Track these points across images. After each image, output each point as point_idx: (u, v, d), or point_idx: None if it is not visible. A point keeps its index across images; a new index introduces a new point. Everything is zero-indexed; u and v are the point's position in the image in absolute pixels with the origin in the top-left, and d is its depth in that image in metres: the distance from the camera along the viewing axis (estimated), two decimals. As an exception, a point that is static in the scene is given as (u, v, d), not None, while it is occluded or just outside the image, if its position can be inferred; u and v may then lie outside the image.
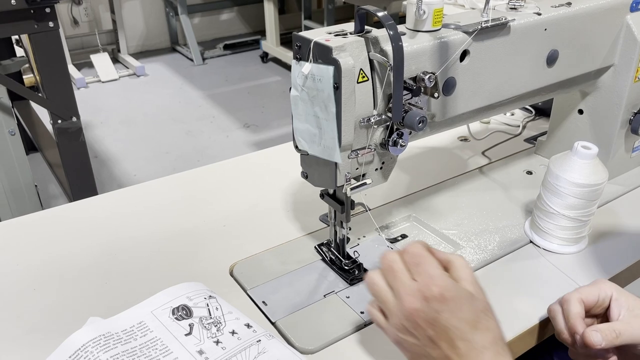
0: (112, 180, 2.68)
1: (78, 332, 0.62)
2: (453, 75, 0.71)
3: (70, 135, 1.80)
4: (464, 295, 0.54)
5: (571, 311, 0.64)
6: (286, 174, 1.00)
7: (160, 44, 4.50)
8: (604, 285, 0.66)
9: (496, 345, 0.53)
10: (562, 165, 0.77)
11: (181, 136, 3.13)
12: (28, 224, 0.89)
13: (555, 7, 0.80)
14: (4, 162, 1.79)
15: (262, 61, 4.23)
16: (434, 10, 0.66)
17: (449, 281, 0.55)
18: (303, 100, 0.64)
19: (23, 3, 1.53)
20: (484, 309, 0.55)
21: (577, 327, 0.63)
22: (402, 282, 0.55)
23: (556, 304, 0.68)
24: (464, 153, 1.10)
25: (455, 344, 0.52)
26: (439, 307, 0.53)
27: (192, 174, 1.04)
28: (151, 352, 0.61)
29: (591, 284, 0.67)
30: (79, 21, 4.11)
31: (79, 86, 3.72)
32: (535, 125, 1.22)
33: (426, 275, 0.54)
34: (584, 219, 0.78)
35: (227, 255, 0.81)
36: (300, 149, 0.68)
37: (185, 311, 0.67)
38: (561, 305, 0.66)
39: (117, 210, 0.93)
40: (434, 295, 0.53)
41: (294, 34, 0.64)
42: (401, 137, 0.66)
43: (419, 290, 0.54)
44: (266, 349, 0.62)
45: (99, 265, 0.80)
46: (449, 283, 0.54)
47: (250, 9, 4.67)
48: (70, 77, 1.79)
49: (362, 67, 0.61)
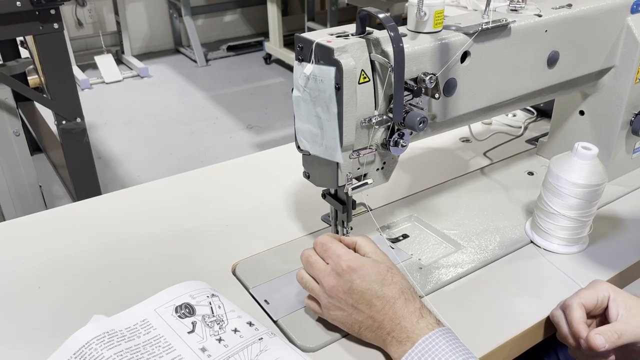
0: (116, 180, 2.70)
1: (82, 330, 0.63)
2: (454, 76, 0.71)
3: (75, 136, 1.81)
4: (367, 263, 0.64)
5: (574, 317, 0.66)
6: (288, 174, 1.01)
7: (163, 45, 4.52)
8: (601, 286, 0.68)
9: (404, 294, 0.62)
10: (563, 165, 0.77)
11: (184, 137, 3.14)
12: (32, 224, 0.90)
13: (556, 8, 0.80)
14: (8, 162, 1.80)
15: (265, 62, 4.24)
16: (434, 11, 0.67)
17: (353, 255, 0.65)
18: (305, 101, 0.64)
19: (28, 5, 1.54)
20: (387, 269, 0.64)
21: (580, 332, 0.65)
22: (318, 269, 0.65)
23: (558, 310, 0.69)
24: (466, 154, 1.11)
25: (372, 303, 0.62)
26: (350, 277, 0.63)
27: (195, 174, 1.05)
28: (154, 350, 0.62)
29: (588, 286, 0.69)
30: (83, 23, 4.12)
31: (83, 87, 3.74)
32: (536, 126, 1.22)
33: (334, 256, 0.64)
34: (584, 220, 0.79)
35: (230, 255, 0.81)
36: (302, 149, 0.69)
37: (188, 309, 0.67)
38: (563, 311, 0.68)
39: (121, 210, 0.94)
40: (344, 269, 0.63)
41: (296, 35, 0.64)
42: (402, 138, 0.67)
43: (332, 270, 0.64)
44: (268, 346, 0.63)
45: (102, 264, 0.80)
46: (353, 256, 0.64)
47: (253, 11, 4.68)
48: (74, 78, 1.79)
49: (364, 68, 0.62)
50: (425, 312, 0.62)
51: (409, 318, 0.61)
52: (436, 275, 0.76)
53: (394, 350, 0.61)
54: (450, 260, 0.79)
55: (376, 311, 0.62)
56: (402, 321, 0.61)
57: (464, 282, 0.76)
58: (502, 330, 0.69)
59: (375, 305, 0.62)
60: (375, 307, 0.62)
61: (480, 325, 0.69)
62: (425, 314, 0.62)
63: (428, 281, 0.75)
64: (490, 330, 0.69)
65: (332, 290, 0.63)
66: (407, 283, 0.64)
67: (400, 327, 0.61)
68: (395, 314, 0.61)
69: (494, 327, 0.69)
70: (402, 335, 0.60)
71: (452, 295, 0.74)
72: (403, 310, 0.61)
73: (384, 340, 0.62)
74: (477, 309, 0.72)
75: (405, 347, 0.60)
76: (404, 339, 0.60)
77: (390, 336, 0.61)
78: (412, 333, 0.60)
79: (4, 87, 1.71)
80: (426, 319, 0.61)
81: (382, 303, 0.62)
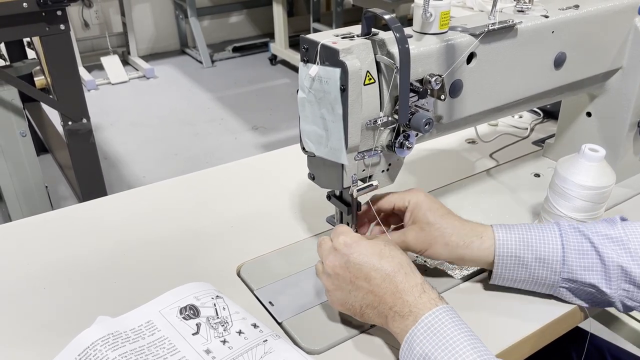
0: (122, 181, 2.70)
1: (87, 331, 0.63)
2: (460, 78, 0.71)
3: (81, 136, 1.82)
4: (364, 239, 0.64)
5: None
6: (293, 176, 1.01)
7: (169, 46, 4.53)
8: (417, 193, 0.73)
9: (403, 268, 0.61)
10: (570, 167, 0.77)
11: (190, 138, 3.14)
12: (38, 224, 0.90)
13: (563, 9, 0.80)
14: (15, 163, 1.81)
15: (271, 64, 4.24)
16: (440, 12, 0.66)
17: (353, 233, 0.65)
18: (310, 102, 0.64)
19: (35, 6, 1.55)
20: (385, 244, 0.64)
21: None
22: (322, 249, 0.66)
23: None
24: (472, 155, 1.10)
25: (370, 276, 0.61)
26: (347, 251, 0.63)
27: (201, 175, 1.05)
28: (159, 351, 0.62)
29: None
30: (89, 24, 4.14)
31: (90, 88, 3.75)
32: (543, 128, 1.21)
33: (337, 235, 0.65)
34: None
35: (235, 256, 0.81)
36: (307, 150, 0.69)
37: (192, 311, 0.67)
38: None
39: (126, 210, 0.94)
40: (340, 243, 0.64)
41: (302, 37, 0.64)
42: (408, 139, 0.67)
43: (331, 247, 0.65)
44: (272, 349, 0.62)
45: (108, 265, 0.80)
46: (353, 234, 0.65)
47: (259, 12, 4.69)
48: (80, 79, 1.80)
49: (369, 69, 0.62)
50: (427, 287, 0.61)
51: (410, 292, 0.60)
52: (442, 277, 0.76)
53: (396, 325, 0.60)
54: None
55: (376, 285, 0.61)
56: (404, 295, 0.60)
57: (470, 283, 0.76)
58: (510, 332, 0.68)
59: (374, 278, 0.61)
60: (375, 280, 0.61)
61: (487, 327, 0.69)
62: (427, 289, 0.61)
63: (433, 282, 0.74)
64: (497, 331, 0.69)
65: (331, 266, 0.64)
66: (407, 258, 0.64)
67: (402, 301, 0.60)
68: (396, 287, 0.60)
69: (501, 329, 0.69)
70: (405, 310, 0.59)
71: (458, 297, 0.74)
72: (404, 284, 0.60)
73: (386, 317, 0.61)
74: (484, 310, 0.71)
75: (407, 322, 0.59)
76: (406, 313, 0.59)
77: (393, 311, 0.60)
78: (414, 307, 0.59)
79: (10, 88, 1.72)
80: (428, 294, 0.60)
81: (381, 276, 0.61)
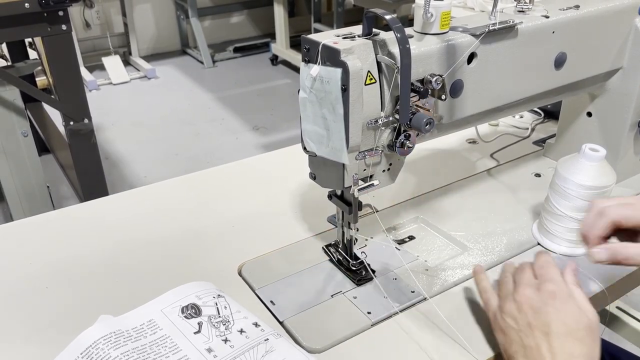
0: (123, 181, 2.71)
1: (89, 330, 0.63)
2: (460, 78, 0.71)
3: (82, 136, 1.82)
4: (573, 305, 0.58)
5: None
6: (294, 176, 1.01)
7: (170, 46, 4.53)
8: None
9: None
10: (570, 167, 0.77)
11: (191, 138, 3.14)
12: (40, 224, 0.91)
13: (563, 10, 0.80)
14: (17, 163, 1.82)
15: (272, 64, 4.24)
16: (441, 13, 0.67)
17: (565, 287, 0.59)
18: (311, 102, 0.64)
19: (36, 6, 1.55)
20: (588, 326, 0.57)
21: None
22: (524, 276, 0.63)
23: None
24: (472, 155, 1.10)
25: (550, 337, 0.55)
26: (547, 301, 0.58)
27: (202, 175, 1.05)
28: (160, 350, 0.62)
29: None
30: (91, 24, 4.14)
31: (91, 88, 3.76)
32: (544, 128, 1.21)
33: (547, 276, 0.61)
34: (592, 222, 0.78)
35: (236, 256, 0.81)
36: (308, 150, 0.69)
37: (194, 310, 0.68)
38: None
39: (128, 210, 0.94)
40: (547, 289, 0.59)
41: (303, 37, 0.64)
42: (408, 139, 0.67)
43: (536, 283, 0.61)
44: (274, 347, 0.63)
45: (109, 265, 0.81)
46: (565, 288, 0.59)
47: (260, 12, 4.69)
48: (82, 79, 1.81)
49: (370, 69, 0.62)
50: None
51: None
52: (442, 277, 0.76)
53: None
54: (456, 262, 0.79)
55: (546, 350, 0.55)
56: None
57: (470, 283, 0.76)
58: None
59: (553, 342, 0.55)
60: (552, 344, 0.55)
61: (487, 328, 0.69)
62: None
63: (434, 283, 0.75)
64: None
65: (522, 297, 0.59)
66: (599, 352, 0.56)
67: None
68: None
69: (501, 330, 0.69)
70: None
71: (458, 297, 0.74)
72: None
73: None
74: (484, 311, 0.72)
75: None
76: None
77: None
78: None
79: (12, 88, 1.72)
80: None
81: (560, 348, 0.55)
